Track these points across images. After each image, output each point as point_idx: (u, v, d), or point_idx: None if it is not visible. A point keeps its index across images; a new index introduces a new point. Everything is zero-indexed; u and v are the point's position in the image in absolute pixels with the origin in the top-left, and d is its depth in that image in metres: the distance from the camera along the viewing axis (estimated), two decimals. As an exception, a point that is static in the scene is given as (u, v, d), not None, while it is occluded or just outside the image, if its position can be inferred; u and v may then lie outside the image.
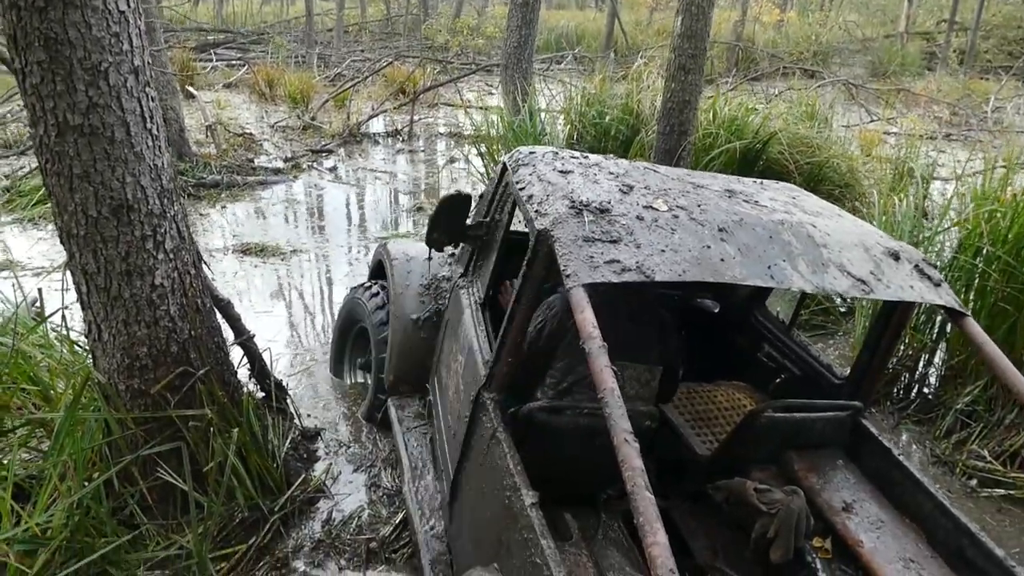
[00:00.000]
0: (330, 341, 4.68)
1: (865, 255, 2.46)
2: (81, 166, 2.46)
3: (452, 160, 10.10)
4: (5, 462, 2.89)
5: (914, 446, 4.37)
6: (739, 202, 2.60)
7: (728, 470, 2.82)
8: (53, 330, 3.52)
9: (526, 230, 2.95)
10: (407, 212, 8.21)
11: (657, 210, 2.37)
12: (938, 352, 4.76)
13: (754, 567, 2.68)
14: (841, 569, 2.51)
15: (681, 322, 3.82)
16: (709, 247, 2.23)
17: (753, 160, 6.43)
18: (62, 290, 3.36)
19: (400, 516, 3.34)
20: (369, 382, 4.23)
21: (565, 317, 2.73)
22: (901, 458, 2.71)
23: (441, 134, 11.89)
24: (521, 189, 2.63)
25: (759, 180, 3.13)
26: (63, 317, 3.34)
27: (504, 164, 2.97)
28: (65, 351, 3.41)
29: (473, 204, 3.23)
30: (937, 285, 2.50)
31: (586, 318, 1.95)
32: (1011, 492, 3.94)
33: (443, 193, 8.34)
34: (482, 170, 7.85)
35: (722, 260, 2.20)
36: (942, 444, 4.29)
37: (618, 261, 2.10)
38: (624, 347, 2.57)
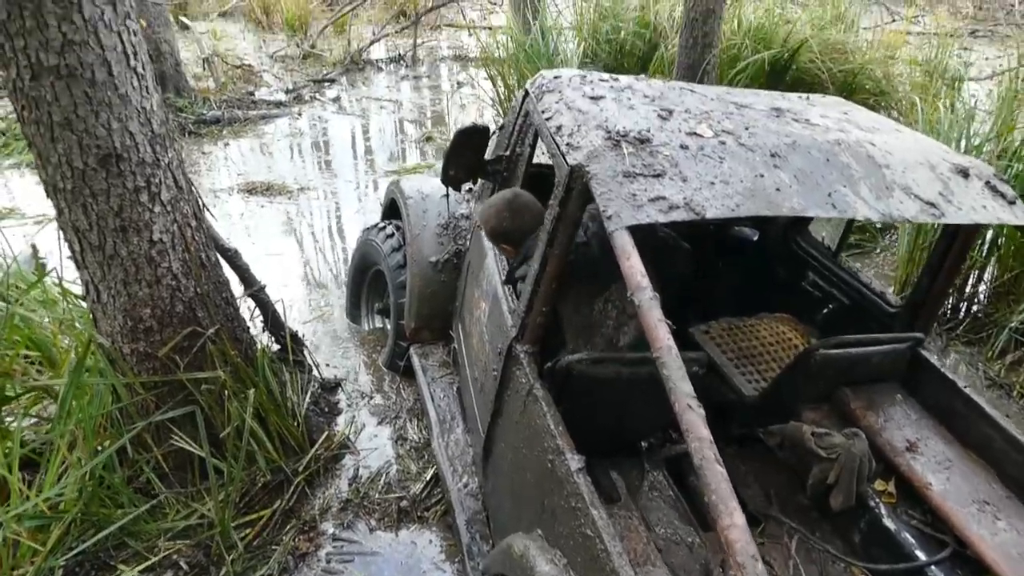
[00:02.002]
0: (345, 285, 4.47)
1: (931, 174, 2.23)
2: (61, 112, 2.20)
3: (459, 85, 9.67)
4: (11, 428, 2.73)
5: (964, 368, 4.16)
6: (788, 122, 2.36)
7: (777, 410, 2.64)
8: (55, 284, 3.32)
9: (550, 162, 2.70)
10: (415, 142, 7.88)
11: (702, 136, 2.13)
12: (988, 268, 4.51)
13: (810, 513, 2.52)
14: (907, 514, 2.35)
15: (717, 254, 3.61)
16: (762, 176, 2.00)
17: (782, 71, 6.03)
18: (59, 244, 3.15)
19: (430, 472, 3.19)
20: (388, 328, 4.04)
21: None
22: (967, 389, 2.51)
23: (445, 58, 11.40)
24: (548, 119, 2.37)
25: (805, 95, 2.85)
26: (60, 272, 3.13)
27: (526, 91, 2.69)
28: (68, 306, 3.22)
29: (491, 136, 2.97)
30: (1011, 203, 2.27)
31: (633, 266, 1.74)
32: (1076, 413, 3.76)
33: (453, 123, 8.06)
34: (492, 95, 7.47)
35: (777, 190, 1.98)
36: (995, 365, 4.09)
37: (664, 198, 1.88)
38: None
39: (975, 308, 4.51)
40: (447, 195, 3.43)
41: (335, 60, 10.35)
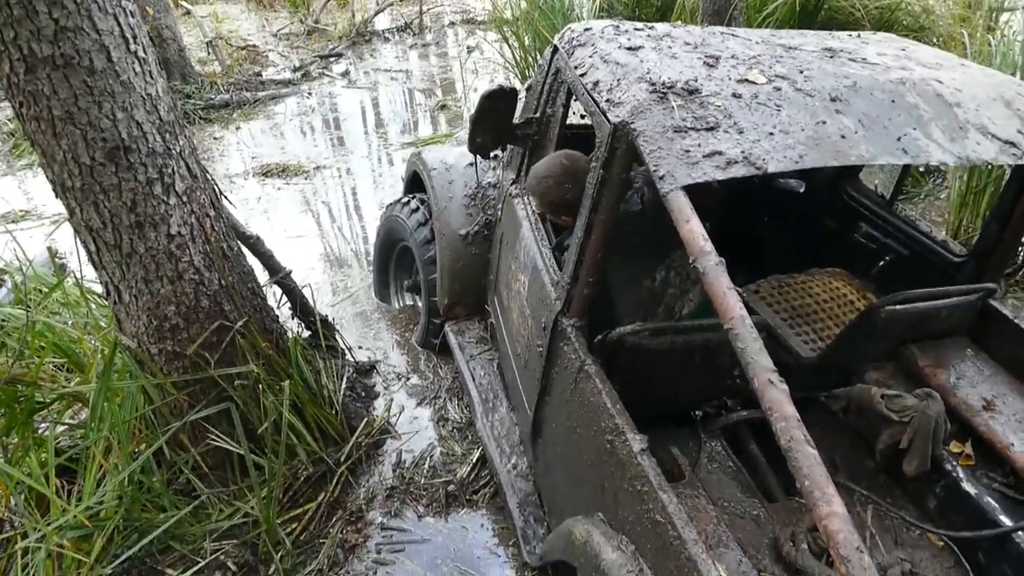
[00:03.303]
0: (371, 264, 4.34)
1: (1007, 111, 2.06)
2: (61, 106, 2.06)
3: (469, 50, 9.41)
4: (45, 436, 2.64)
5: (1027, 317, 3.95)
6: (844, 62, 2.18)
7: (837, 371, 2.49)
8: (76, 285, 3.22)
9: (587, 122, 2.53)
10: (427, 112, 7.69)
11: (754, 83, 1.97)
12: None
13: (879, 478, 2.37)
14: (988, 476, 2.19)
15: (761, 207, 3.43)
16: (824, 123, 1.84)
17: (813, 11, 5.74)
18: (76, 243, 3.04)
19: (476, 453, 3.08)
20: (420, 305, 3.92)
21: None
22: None
23: (453, 23, 11.13)
24: (582, 75, 2.20)
25: (855, 33, 2.65)
26: (80, 272, 3.02)
27: (555, 47, 2.52)
28: (92, 307, 3.12)
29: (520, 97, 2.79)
30: None
31: (693, 229, 1.59)
32: None
33: (466, 89, 7.84)
34: (508, 57, 7.23)
35: (842, 137, 1.82)
36: (1063, 313, 3.85)
37: (720, 152, 1.72)
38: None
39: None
40: (474, 164, 3.27)
41: (340, 34, 10.13)
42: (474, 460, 3.05)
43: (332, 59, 9.38)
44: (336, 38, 10.07)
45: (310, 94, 8.21)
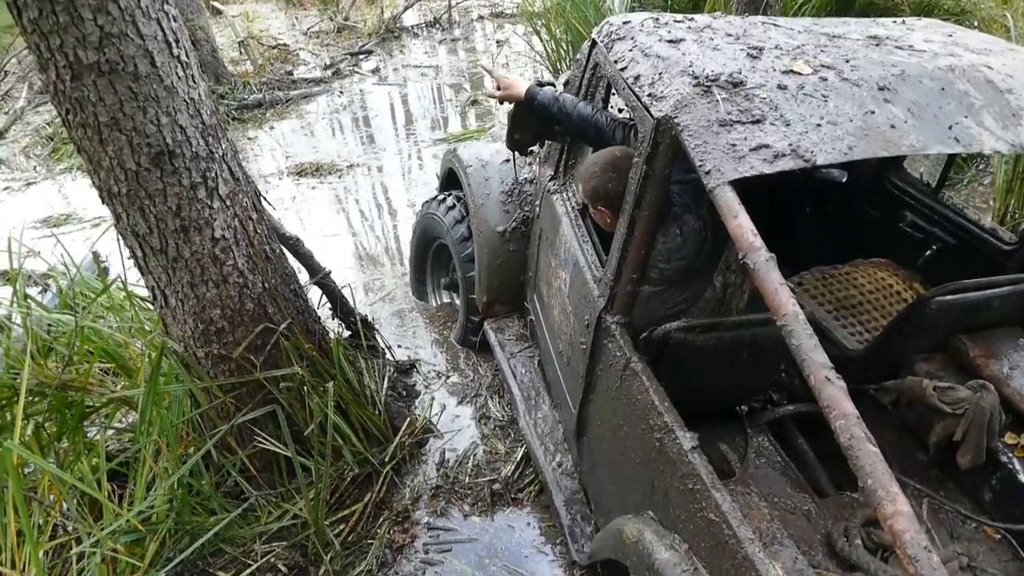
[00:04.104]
0: (408, 262, 4.34)
1: None
2: (107, 112, 2.07)
3: (499, 44, 9.39)
4: (95, 441, 2.68)
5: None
6: (891, 50, 2.13)
7: (884, 364, 2.43)
8: (120, 289, 3.26)
9: (626, 117, 2.51)
10: (458, 108, 7.68)
11: (800, 74, 1.94)
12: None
13: (931, 472, 2.32)
14: None
15: (803, 197, 3.37)
16: (873, 112, 1.80)
17: (851, -3, 5.65)
18: (119, 246, 3.08)
19: (520, 451, 3.06)
20: (457, 303, 3.91)
21: None
22: None
23: (481, 17, 11.11)
24: (622, 69, 2.17)
25: (900, 20, 2.59)
26: (124, 276, 3.05)
27: (593, 41, 2.49)
28: (136, 311, 3.16)
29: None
30: None
31: (742, 224, 1.56)
32: None
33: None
34: (539, 49, 7.19)
35: (892, 126, 1.78)
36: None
37: (767, 146, 1.69)
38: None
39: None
40: (513, 160, 3.25)
41: (370, 31, 10.16)
42: (518, 458, 3.04)
43: (362, 56, 9.42)
44: (366, 35, 10.11)
45: (341, 92, 8.23)
